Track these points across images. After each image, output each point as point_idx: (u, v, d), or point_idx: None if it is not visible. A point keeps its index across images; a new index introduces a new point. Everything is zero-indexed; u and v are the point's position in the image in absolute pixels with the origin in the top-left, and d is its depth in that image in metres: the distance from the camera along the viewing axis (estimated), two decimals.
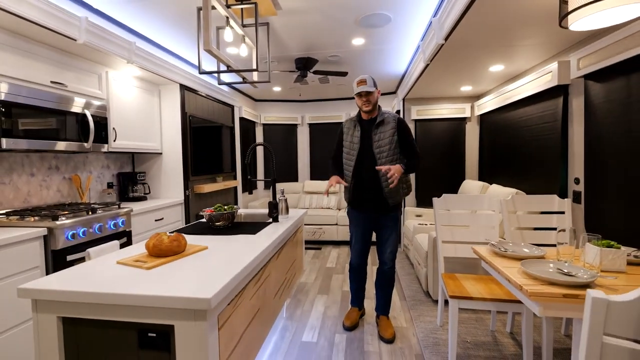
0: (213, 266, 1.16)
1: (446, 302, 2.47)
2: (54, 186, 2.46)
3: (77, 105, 2.25)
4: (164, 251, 1.25)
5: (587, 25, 1.36)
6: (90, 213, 2.16)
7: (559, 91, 2.36)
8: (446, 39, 2.12)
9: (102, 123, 2.47)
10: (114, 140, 2.63)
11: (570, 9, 1.35)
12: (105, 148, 2.50)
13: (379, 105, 2.15)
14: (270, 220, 2.02)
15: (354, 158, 2.10)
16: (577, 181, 2.26)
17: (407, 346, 2.08)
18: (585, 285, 1.20)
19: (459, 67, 2.85)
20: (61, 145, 2.13)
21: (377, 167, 2.00)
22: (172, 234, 1.33)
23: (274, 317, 1.64)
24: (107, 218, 2.25)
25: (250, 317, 1.29)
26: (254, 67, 1.94)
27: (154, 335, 0.92)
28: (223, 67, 3.32)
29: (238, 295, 1.16)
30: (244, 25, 2.03)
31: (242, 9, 1.95)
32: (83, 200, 2.61)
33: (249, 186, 1.98)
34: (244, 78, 2.09)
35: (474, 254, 1.92)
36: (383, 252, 2.23)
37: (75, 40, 2.00)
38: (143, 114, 3.02)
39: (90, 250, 2.12)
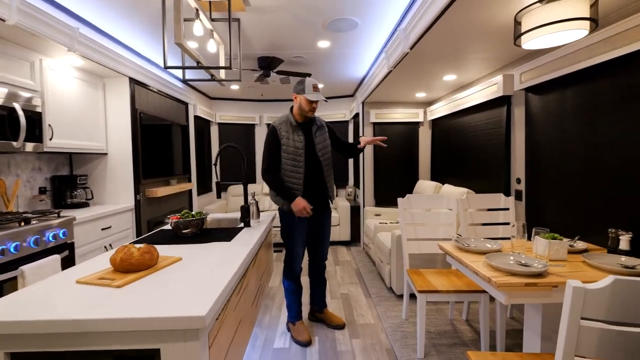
0: (195, 279, 1.08)
1: (411, 295, 2.61)
2: None
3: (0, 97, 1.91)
4: (135, 265, 1.12)
5: (538, 45, 1.55)
6: (22, 224, 1.85)
7: (504, 101, 2.65)
8: (412, 47, 2.24)
9: (35, 119, 2.13)
10: (50, 139, 2.29)
11: (523, 30, 1.52)
12: (39, 148, 2.16)
13: None
14: (242, 225, 1.94)
15: (302, 164, 2.03)
16: (518, 181, 2.56)
17: (377, 342, 2.16)
18: (540, 274, 1.36)
19: (416, 75, 3.03)
20: None
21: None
22: (141, 246, 1.20)
23: (252, 326, 1.58)
24: (44, 229, 1.95)
25: (234, 329, 1.22)
26: (222, 64, 1.84)
27: None
28: (187, 63, 3.08)
29: (224, 308, 1.09)
30: (212, 20, 1.92)
31: (210, 2, 1.84)
32: (9, 208, 2.22)
33: (218, 190, 1.87)
34: (212, 75, 1.97)
35: (438, 249, 2.07)
36: (324, 249, 2.28)
37: (4, 20, 1.69)
38: (85, 110, 2.68)
39: (25, 267, 1.82)
